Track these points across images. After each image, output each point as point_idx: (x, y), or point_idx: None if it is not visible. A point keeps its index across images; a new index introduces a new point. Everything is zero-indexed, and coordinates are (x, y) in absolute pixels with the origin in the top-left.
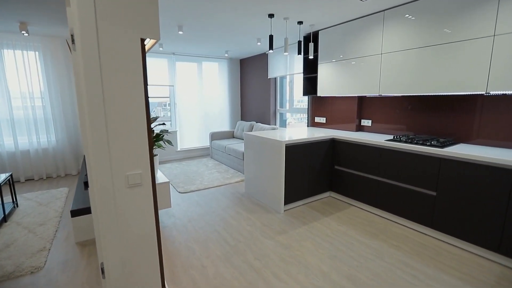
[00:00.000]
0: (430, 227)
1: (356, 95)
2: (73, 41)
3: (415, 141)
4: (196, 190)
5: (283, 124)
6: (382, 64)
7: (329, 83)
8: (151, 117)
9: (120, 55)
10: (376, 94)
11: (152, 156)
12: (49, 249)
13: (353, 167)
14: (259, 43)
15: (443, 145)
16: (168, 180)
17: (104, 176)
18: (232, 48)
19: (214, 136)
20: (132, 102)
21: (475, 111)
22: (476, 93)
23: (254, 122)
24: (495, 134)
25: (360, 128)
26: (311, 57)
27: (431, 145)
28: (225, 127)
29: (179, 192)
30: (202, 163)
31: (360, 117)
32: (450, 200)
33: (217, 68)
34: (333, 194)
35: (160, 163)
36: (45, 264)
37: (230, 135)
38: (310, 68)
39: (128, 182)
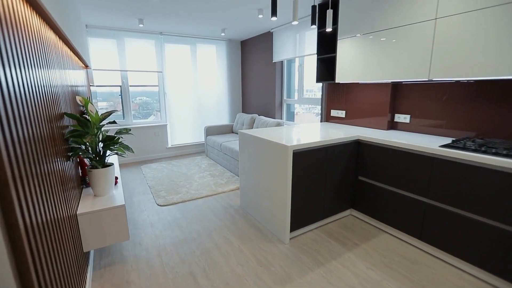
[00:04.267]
0: None
1: (391, 80)
2: None
3: (493, 151)
4: (180, 202)
5: (291, 116)
6: (437, 34)
7: (351, 65)
8: (105, 111)
9: None
10: (424, 79)
11: None
12: None
13: (385, 180)
14: (260, 16)
15: None
16: (123, 203)
17: None
18: (229, 24)
19: (210, 131)
20: None
21: None
22: None
23: (256, 115)
24: None
25: (393, 126)
26: (329, 29)
27: None
28: (223, 120)
29: (158, 205)
30: (195, 162)
31: (394, 110)
32: None
33: (215, 52)
34: (355, 213)
35: (147, 162)
36: None
37: (229, 130)
38: (327, 47)
39: None
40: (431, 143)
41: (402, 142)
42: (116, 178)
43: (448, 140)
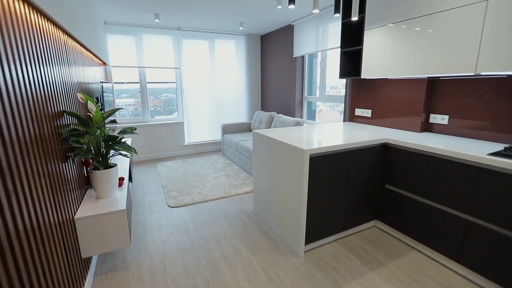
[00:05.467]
0: None
1: (426, 76)
2: None
3: None
4: (191, 204)
5: (312, 115)
6: (488, 19)
7: (379, 59)
8: (107, 110)
9: None
10: (470, 74)
11: None
12: None
13: (418, 190)
14: (279, 6)
15: None
16: (123, 208)
17: None
18: (247, 18)
19: (227, 129)
20: None
21: None
22: None
23: (275, 113)
24: None
25: (427, 127)
26: (354, 18)
27: None
28: (241, 118)
29: (169, 207)
30: (211, 161)
31: (429, 110)
32: None
33: (234, 47)
34: (380, 225)
35: (162, 160)
36: None
37: (246, 128)
38: (351, 39)
39: None
40: (476, 150)
41: (440, 148)
42: (122, 179)
43: (497, 146)
